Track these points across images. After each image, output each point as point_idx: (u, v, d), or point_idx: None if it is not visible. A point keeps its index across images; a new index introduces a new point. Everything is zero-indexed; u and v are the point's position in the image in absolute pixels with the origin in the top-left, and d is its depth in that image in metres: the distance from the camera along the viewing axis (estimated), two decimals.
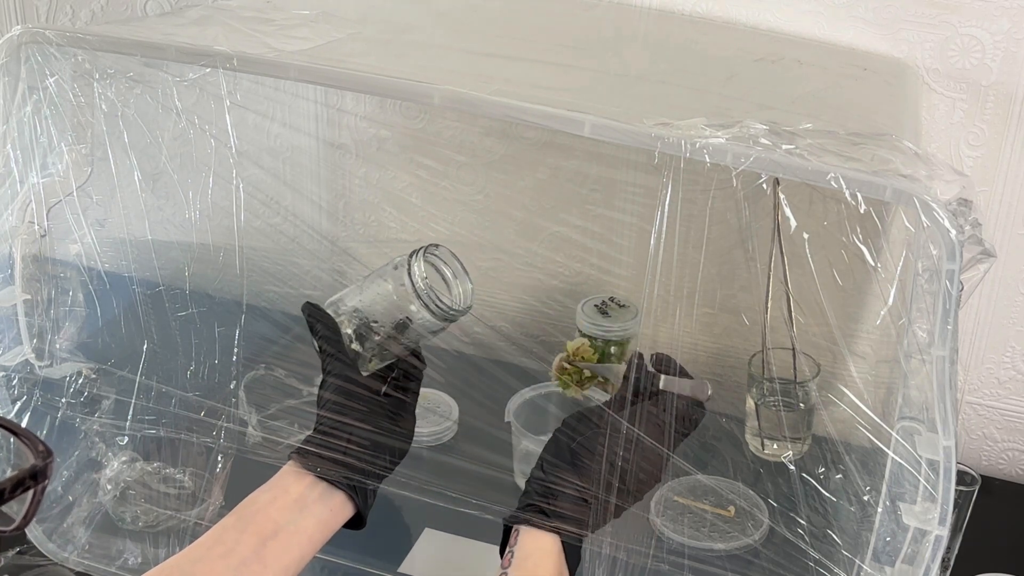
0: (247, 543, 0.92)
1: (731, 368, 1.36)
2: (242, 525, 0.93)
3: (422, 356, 1.09)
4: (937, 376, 0.77)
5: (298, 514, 0.96)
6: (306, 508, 0.96)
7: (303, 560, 0.95)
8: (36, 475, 0.57)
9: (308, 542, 0.96)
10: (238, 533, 0.93)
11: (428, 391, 1.25)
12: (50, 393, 1.10)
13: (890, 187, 0.77)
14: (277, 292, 1.41)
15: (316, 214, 1.48)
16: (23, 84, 0.97)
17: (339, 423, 1.01)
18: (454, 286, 1.06)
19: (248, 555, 0.91)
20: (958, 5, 1.18)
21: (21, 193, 1.01)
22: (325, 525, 0.97)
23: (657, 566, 1.01)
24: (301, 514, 0.96)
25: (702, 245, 0.89)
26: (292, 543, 0.94)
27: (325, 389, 1.03)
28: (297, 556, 0.94)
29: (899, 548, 0.82)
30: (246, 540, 0.92)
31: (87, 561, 1.11)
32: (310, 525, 0.96)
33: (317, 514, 0.97)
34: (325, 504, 0.97)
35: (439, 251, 1.06)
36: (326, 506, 0.98)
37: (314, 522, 0.96)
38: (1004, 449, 1.37)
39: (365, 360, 1.06)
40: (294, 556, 0.94)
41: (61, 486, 1.13)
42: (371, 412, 1.02)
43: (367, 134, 1.45)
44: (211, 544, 0.92)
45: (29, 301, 1.06)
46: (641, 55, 1.16)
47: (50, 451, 0.57)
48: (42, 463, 0.57)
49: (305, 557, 0.95)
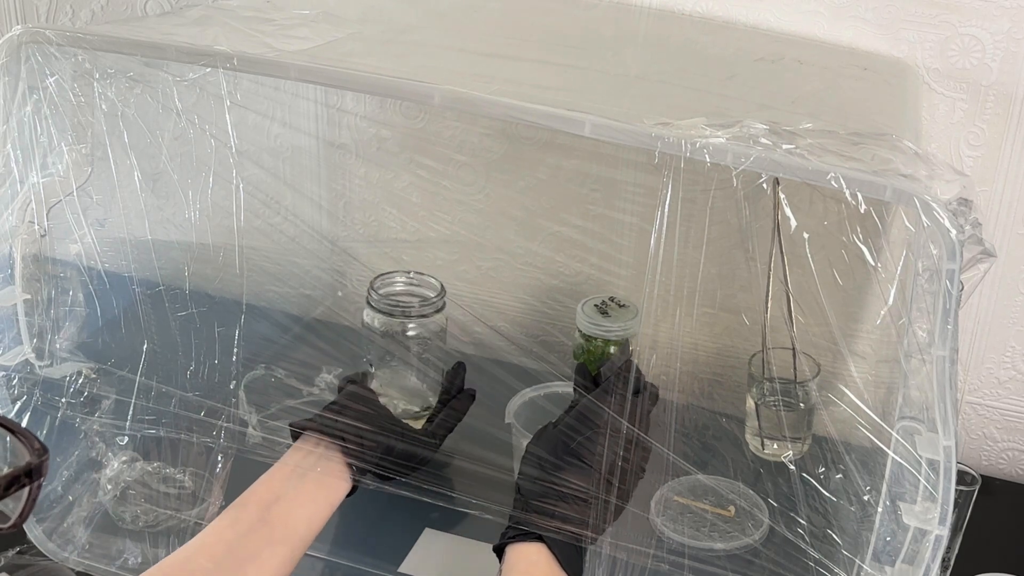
0: (250, 512, 0.95)
1: (731, 368, 1.36)
2: (244, 499, 0.97)
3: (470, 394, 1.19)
4: (937, 376, 0.77)
5: (297, 480, 0.99)
6: (304, 474, 1.00)
7: (311, 522, 0.98)
8: (31, 472, 0.57)
9: (311, 502, 0.99)
10: (241, 507, 0.96)
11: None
12: (50, 393, 1.10)
13: (890, 187, 0.77)
14: (277, 292, 1.41)
15: (316, 214, 1.48)
16: (23, 84, 0.97)
17: (341, 408, 1.06)
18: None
19: (253, 521, 0.95)
20: (958, 5, 1.18)
21: (21, 193, 1.01)
22: (326, 487, 1.00)
23: (657, 566, 1.01)
24: (301, 479, 1.00)
25: (702, 245, 0.89)
26: (294, 504, 0.97)
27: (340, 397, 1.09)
28: (303, 517, 0.97)
29: (899, 548, 0.82)
30: (249, 509, 0.96)
31: (87, 561, 1.12)
32: (310, 488, 0.99)
33: (315, 477, 1.00)
34: (324, 466, 1.01)
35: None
36: (325, 468, 1.01)
37: (313, 485, 1.00)
38: (1004, 449, 1.37)
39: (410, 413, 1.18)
40: (299, 516, 0.97)
41: (61, 486, 1.13)
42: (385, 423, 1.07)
43: (367, 134, 1.45)
44: (219, 521, 0.95)
45: (29, 301, 1.06)
46: (641, 55, 1.16)
47: (46, 449, 0.58)
48: (37, 460, 0.57)
49: (312, 519, 0.98)
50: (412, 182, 1.44)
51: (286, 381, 1.26)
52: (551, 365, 1.21)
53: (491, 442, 1.16)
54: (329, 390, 1.25)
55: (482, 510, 1.04)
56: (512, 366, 1.23)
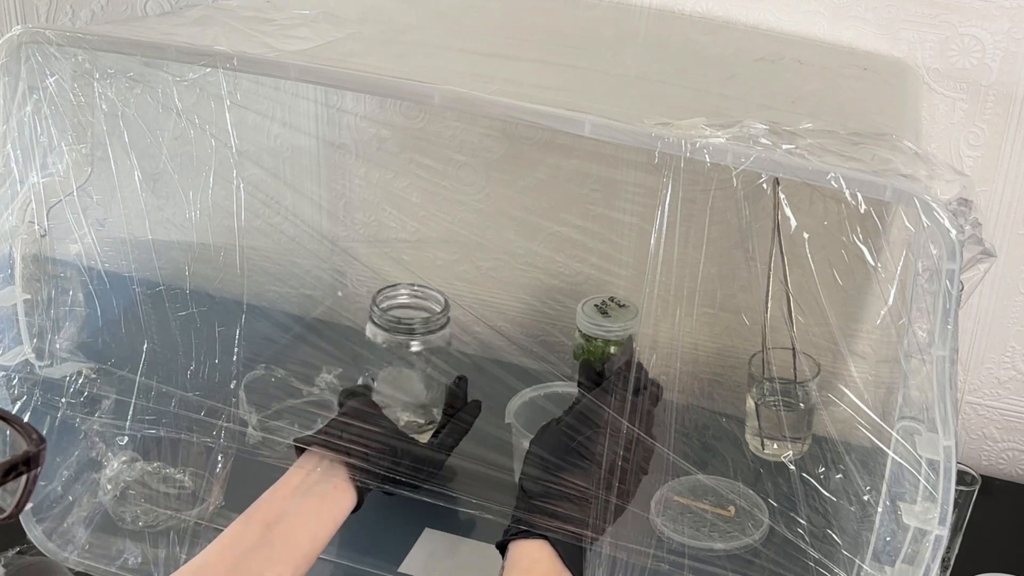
0: (253, 530, 0.94)
1: (731, 368, 1.36)
2: (247, 518, 0.96)
3: (474, 408, 1.18)
4: (937, 376, 0.77)
5: (301, 497, 0.98)
6: (308, 490, 0.99)
7: (315, 540, 0.97)
8: (29, 461, 0.57)
9: (315, 520, 0.98)
10: (243, 525, 0.95)
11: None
12: (50, 393, 1.10)
13: (890, 187, 0.77)
14: (277, 292, 1.41)
15: (316, 214, 1.48)
16: (23, 84, 0.97)
17: (345, 424, 1.03)
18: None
19: (255, 541, 0.94)
20: (958, 5, 1.18)
21: (21, 193, 1.01)
22: (331, 503, 0.99)
23: (657, 566, 1.01)
24: (304, 497, 0.98)
25: (702, 245, 0.89)
26: (297, 523, 0.96)
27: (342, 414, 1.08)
28: (306, 536, 0.96)
29: (899, 548, 0.82)
30: (252, 528, 0.95)
31: (87, 561, 1.11)
32: (313, 504, 0.98)
33: (319, 492, 0.99)
34: (327, 482, 1.00)
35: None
36: (328, 484, 1.00)
37: (316, 500, 0.99)
38: (1004, 449, 1.37)
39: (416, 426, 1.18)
40: (302, 536, 0.96)
41: (61, 486, 1.13)
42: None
43: (367, 134, 1.45)
44: (221, 540, 0.95)
45: (29, 301, 1.06)
46: (641, 55, 1.16)
47: (43, 438, 0.58)
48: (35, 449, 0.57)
49: (316, 536, 0.97)
50: (412, 182, 1.44)
51: (286, 381, 1.26)
52: (551, 365, 1.21)
53: (491, 442, 1.16)
54: (330, 390, 1.26)
55: (482, 510, 1.04)
56: (512, 366, 1.23)
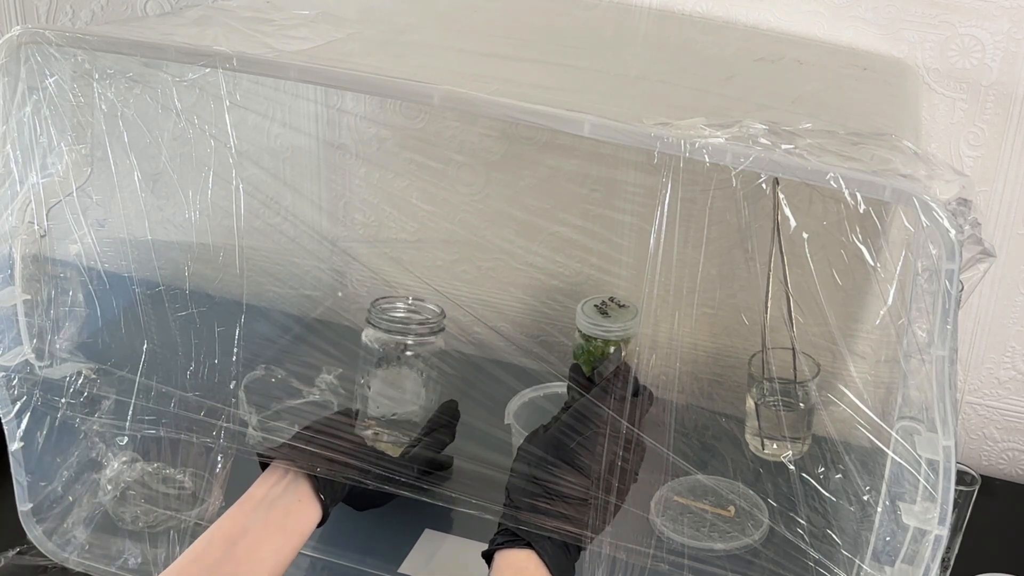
0: (216, 546, 0.93)
1: (731, 368, 1.36)
2: (210, 535, 0.95)
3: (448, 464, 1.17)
4: (937, 376, 0.77)
5: (265, 511, 0.97)
6: (273, 503, 0.98)
7: (280, 552, 0.95)
8: None
9: (279, 532, 0.96)
10: (207, 542, 0.94)
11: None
12: (50, 393, 1.10)
13: (890, 187, 0.77)
14: (277, 292, 1.41)
15: (316, 214, 1.48)
16: (23, 84, 0.97)
17: (310, 437, 1.04)
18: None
19: (219, 557, 0.93)
20: (958, 5, 1.18)
21: (21, 193, 1.01)
22: (295, 517, 0.98)
23: (657, 566, 1.01)
24: (268, 510, 0.97)
25: (702, 245, 0.89)
26: (262, 537, 0.95)
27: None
28: (271, 549, 0.95)
29: (899, 548, 0.82)
30: (215, 544, 0.94)
31: (87, 561, 1.12)
32: (277, 518, 0.97)
33: (283, 506, 0.98)
34: (292, 494, 0.99)
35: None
36: (293, 496, 0.99)
37: (281, 512, 0.97)
38: (1004, 449, 1.37)
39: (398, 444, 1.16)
40: (267, 549, 0.95)
41: (61, 486, 1.13)
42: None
43: (367, 134, 1.45)
44: (185, 557, 0.94)
45: (29, 301, 1.06)
46: (641, 55, 1.16)
47: None
48: None
49: (281, 549, 0.96)
50: (412, 182, 1.45)
51: (286, 381, 1.26)
52: (551, 365, 1.21)
53: (491, 442, 1.16)
54: (330, 390, 1.26)
55: (482, 511, 1.04)
56: (512, 366, 1.23)
